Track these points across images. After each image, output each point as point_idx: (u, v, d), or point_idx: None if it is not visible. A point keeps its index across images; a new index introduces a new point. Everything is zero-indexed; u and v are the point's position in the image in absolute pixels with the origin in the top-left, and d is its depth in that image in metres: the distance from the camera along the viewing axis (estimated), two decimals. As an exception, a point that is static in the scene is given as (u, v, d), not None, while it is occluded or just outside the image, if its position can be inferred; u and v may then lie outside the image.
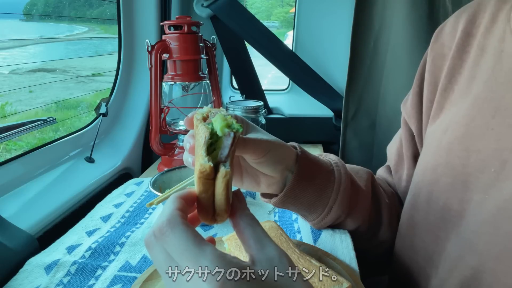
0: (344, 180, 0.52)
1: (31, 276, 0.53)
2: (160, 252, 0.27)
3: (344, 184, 0.52)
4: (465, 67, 0.46)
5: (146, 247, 0.28)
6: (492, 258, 0.35)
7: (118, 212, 0.72)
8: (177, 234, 0.27)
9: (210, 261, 0.25)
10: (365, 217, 0.56)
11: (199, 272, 0.25)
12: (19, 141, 1.35)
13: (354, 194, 0.54)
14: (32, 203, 0.74)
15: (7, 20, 1.19)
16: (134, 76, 1.12)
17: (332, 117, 1.26)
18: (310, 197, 0.51)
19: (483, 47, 0.44)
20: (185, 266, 0.26)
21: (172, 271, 0.27)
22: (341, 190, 0.52)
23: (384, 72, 1.03)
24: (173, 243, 0.27)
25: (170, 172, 0.76)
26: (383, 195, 0.60)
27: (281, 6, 3.88)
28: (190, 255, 0.26)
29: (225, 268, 0.25)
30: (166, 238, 0.27)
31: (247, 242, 0.29)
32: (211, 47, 0.99)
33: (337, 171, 0.53)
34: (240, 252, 0.50)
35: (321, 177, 0.51)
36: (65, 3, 1.60)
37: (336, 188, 0.52)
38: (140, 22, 1.08)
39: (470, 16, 0.48)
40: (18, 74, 1.62)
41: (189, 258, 0.26)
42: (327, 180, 0.52)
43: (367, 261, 0.56)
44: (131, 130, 1.10)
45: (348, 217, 0.55)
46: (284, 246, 0.52)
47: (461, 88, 0.46)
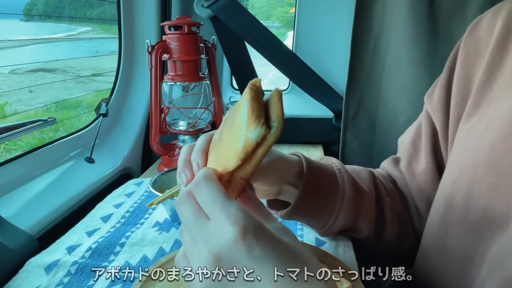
0: (348, 186, 0.52)
1: (31, 276, 0.53)
2: (190, 206, 0.32)
3: (348, 191, 0.52)
4: (506, 64, 0.44)
5: (176, 206, 0.33)
6: None
7: (118, 212, 0.72)
8: (210, 186, 0.31)
9: (236, 209, 0.29)
10: (371, 219, 0.56)
11: (225, 217, 0.29)
12: (19, 141, 1.35)
13: (358, 199, 0.54)
14: (32, 203, 0.74)
15: (7, 20, 1.19)
16: (134, 76, 1.12)
17: (332, 118, 1.26)
18: (316, 208, 0.51)
19: None
20: (214, 213, 0.30)
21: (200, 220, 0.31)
22: (346, 197, 0.52)
23: (384, 72, 1.03)
24: (206, 193, 0.31)
25: (170, 172, 0.76)
26: (385, 194, 0.60)
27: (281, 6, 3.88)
28: (220, 203, 0.30)
29: (248, 217, 0.29)
30: (201, 189, 0.31)
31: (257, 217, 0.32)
32: (211, 47, 0.99)
33: (340, 178, 0.53)
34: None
35: (326, 186, 0.51)
36: (65, 3, 1.60)
37: (340, 195, 0.52)
38: (140, 22, 1.08)
39: (510, 11, 0.46)
40: (18, 74, 1.62)
41: (219, 206, 0.30)
42: (332, 188, 0.52)
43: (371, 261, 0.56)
44: (131, 130, 1.10)
45: (356, 222, 0.55)
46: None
47: (502, 86, 0.44)
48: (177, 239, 0.63)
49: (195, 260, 0.31)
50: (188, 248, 0.32)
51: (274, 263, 0.28)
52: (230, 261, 0.28)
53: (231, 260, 0.28)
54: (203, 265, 0.29)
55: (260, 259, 0.28)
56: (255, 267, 0.28)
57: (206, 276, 0.29)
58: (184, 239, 0.33)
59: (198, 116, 0.99)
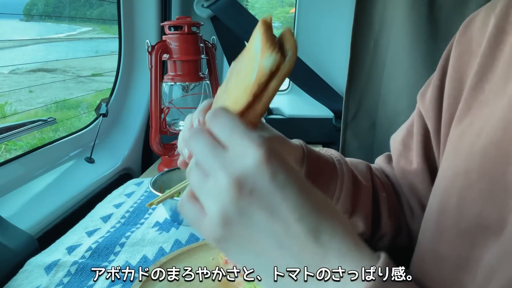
0: (347, 177, 0.52)
1: (31, 276, 0.53)
2: (205, 137, 0.29)
3: (347, 182, 0.52)
4: (498, 66, 0.43)
5: (189, 140, 0.30)
6: None
7: (118, 212, 0.72)
8: (229, 116, 0.29)
9: (259, 135, 0.27)
10: (368, 213, 0.56)
11: (249, 142, 0.27)
12: (19, 141, 1.35)
13: (356, 191, 0.54)
14: (32, 203, 0.74)
15: (7, 20, 1.19)
16: (134, 76, 1.12)
17: (332, 118, 1.26)
18: None
19: None
20: (234, 139, 0.28)
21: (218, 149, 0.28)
22: (344, 187, 0.52)
23: (384, 72, 1.03)
24: (225, 121, 0.29)
25: (170, 172, 0.77)
26: (381, 188, 0.60)
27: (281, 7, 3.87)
28: (242, 130, 0.28)
29: (272, 143, 0.27)
30: (219, 118, 0.29)
31: None
32: (211, 47, 0.99)
33: (340, 169, 0.53)
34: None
35: (325, 174, 0.51)
36: (65, 3, 1.60)
37: (339, 185, 0.52)
38: (141, 22, 1.08)
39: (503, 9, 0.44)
40: (18, 74, 1.62)
41: (240, 132, 0.28)
42: (331, 177, 0.52)
43: None
44: (131, 130, 1.10)
45: (352, 215, 0.55)
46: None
47: (494, 88, 0.43)
48: (177, 239, 0.63)
49: (209, 191, 0.28)
50: (199, 182, 0.29)
51: (297, 190, 0.27)
52: (252, 186, 0.26)
53: (253, 184, 0.26)
54: (220, 193, 0.27)
55: (284, 185, 0.26)
56: (277, 193, 0.26)
57: (225, 204, 0.27)
58: (193, 175, 0.29)
59: (198, 116, 0.99)
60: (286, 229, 0.26)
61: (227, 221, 0.27)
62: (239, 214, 0.26)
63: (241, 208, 0.26)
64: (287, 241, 0.26)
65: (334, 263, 0.26)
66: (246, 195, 0.26)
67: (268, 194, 0.26)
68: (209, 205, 0.28)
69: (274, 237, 0.26)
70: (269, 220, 0.26)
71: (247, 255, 0.28)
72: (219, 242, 0.28)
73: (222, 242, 0.28)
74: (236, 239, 0.27)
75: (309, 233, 0.26)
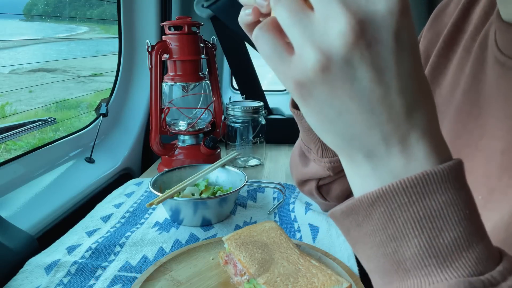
0: None
1: (31, 276, 0.53)
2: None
3: None
4: (450, 69, 0.42)
5: (257, 31, 0.26)
6: None
7: (118, 212, 0.72)
8: None
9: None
10: None
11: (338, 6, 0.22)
12: (19, 141, 1.35)
13: None
14: (32, 203, 0.74)
15: (7, 20, 1.19)
16: (134, 76, 1.12)
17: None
18: None
19: (468, 50, 0.40)
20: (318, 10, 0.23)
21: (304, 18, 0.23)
22: None
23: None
24: None
25: (170, 173, 0.77)
26: None
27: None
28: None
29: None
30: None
31: None
32: (211, 47, 0.99)
33: None
34: (240, 252, 0.50)
35: None
36: (65, 3, 1.60)
37: None
38: (141, 22, 1.08)
39: (465, 5, 0.42)
40: (18, 74, 1.62)
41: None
42: None
43: None
44: (131, 130, 1.10)
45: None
46: (284, 246, 0.52)
47: (443, 94, 0.42)
48: (177, 239, 0.63)
49: (312, 28, 0.23)
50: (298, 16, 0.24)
51: (412, 58, 0.23)
52: (374, 36, 0.22)
53: (376, 35, 0.22)
54: (330, 33, 0.22)
55: (403, 47, 0.23)
56: (394, 54, 0.23)
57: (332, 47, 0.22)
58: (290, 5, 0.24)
59: (198, 116, 0.99)
60: (385, 95, 0.23)
61: (326, 67, 0.23)
62: (345, 63, 0.23)
63: (350, 58, 0.22)
64: (379, 108, 0.23)
65: (414, 143, 0.24)
66: (362, 45, 0.22)
67: (385, 52, 0.22)
68: (306, 44, 0.23)
69: (369, 100, 0.23)
70: (372, 81, 0.23)
71: (328, 110, 0.24)
72: (303, 86, 0.24)
73: (306, 87, 0.24)
74: (326, 90, 0.24)
75: (404, 108, 0.23)
